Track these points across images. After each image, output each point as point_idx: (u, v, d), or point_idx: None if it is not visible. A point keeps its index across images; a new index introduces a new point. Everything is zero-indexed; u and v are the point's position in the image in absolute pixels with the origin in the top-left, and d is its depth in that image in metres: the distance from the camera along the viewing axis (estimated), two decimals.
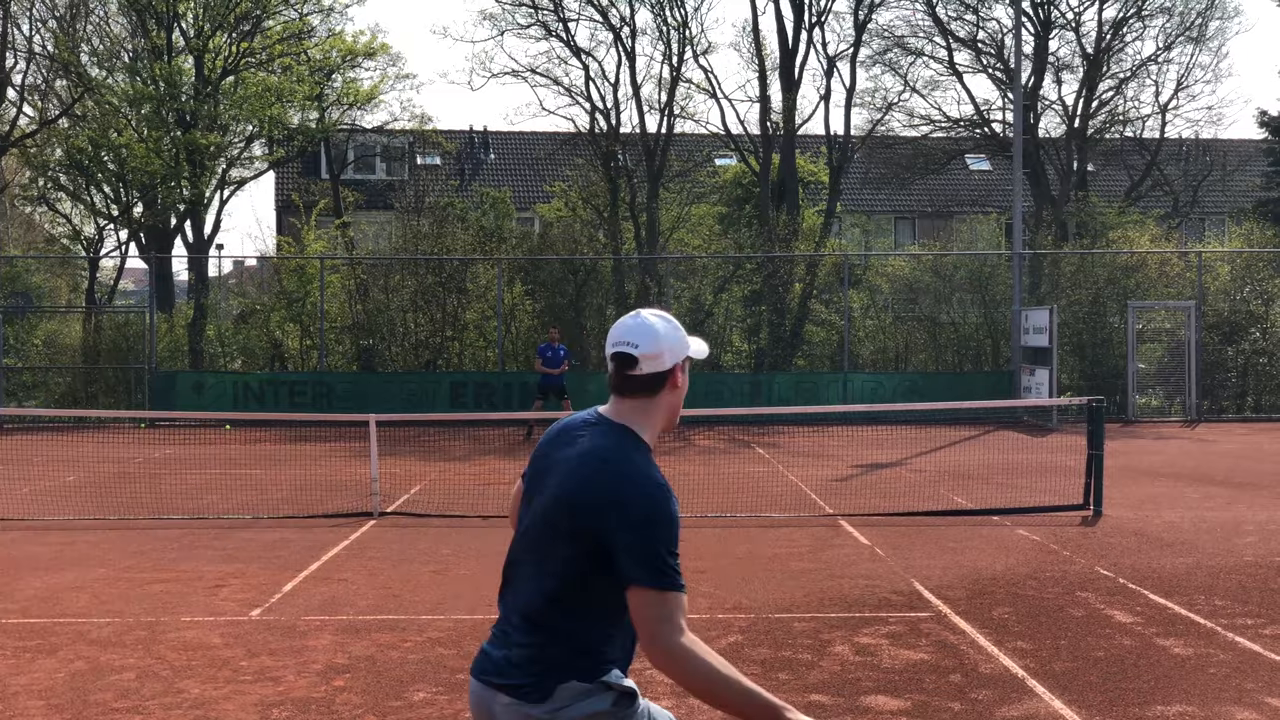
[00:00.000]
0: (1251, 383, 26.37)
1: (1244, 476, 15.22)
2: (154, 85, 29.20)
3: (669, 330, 2.95)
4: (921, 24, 33.29)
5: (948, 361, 27.17)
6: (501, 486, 14.46)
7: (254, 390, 24.34)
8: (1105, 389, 24.25)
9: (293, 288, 27.11)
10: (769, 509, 12.41)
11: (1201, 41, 33.48)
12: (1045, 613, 7.78)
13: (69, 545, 10.47)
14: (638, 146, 30.73)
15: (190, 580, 8.98)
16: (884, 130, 33.95)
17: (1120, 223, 31.72)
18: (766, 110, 30.59)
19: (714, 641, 7.06)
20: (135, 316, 26.89)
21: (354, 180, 39.54)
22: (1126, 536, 10.72)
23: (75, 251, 33.93)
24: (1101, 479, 12.00)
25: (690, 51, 30.60)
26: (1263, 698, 6.04)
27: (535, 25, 30.97)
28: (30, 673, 6.55)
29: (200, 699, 6.08)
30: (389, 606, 8.08)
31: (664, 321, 2.96)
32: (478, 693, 2.91)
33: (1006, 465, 16.33)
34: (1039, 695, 6.06)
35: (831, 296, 28.21)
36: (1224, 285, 26.79)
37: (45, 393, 26.04)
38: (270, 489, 14.00)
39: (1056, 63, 33.30)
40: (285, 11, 31.63)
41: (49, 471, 15.94)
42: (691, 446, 19.86)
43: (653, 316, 2.96)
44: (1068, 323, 25.55)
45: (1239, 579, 8.89)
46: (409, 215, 32.01)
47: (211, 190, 31.32)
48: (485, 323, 27.04)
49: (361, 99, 32.76)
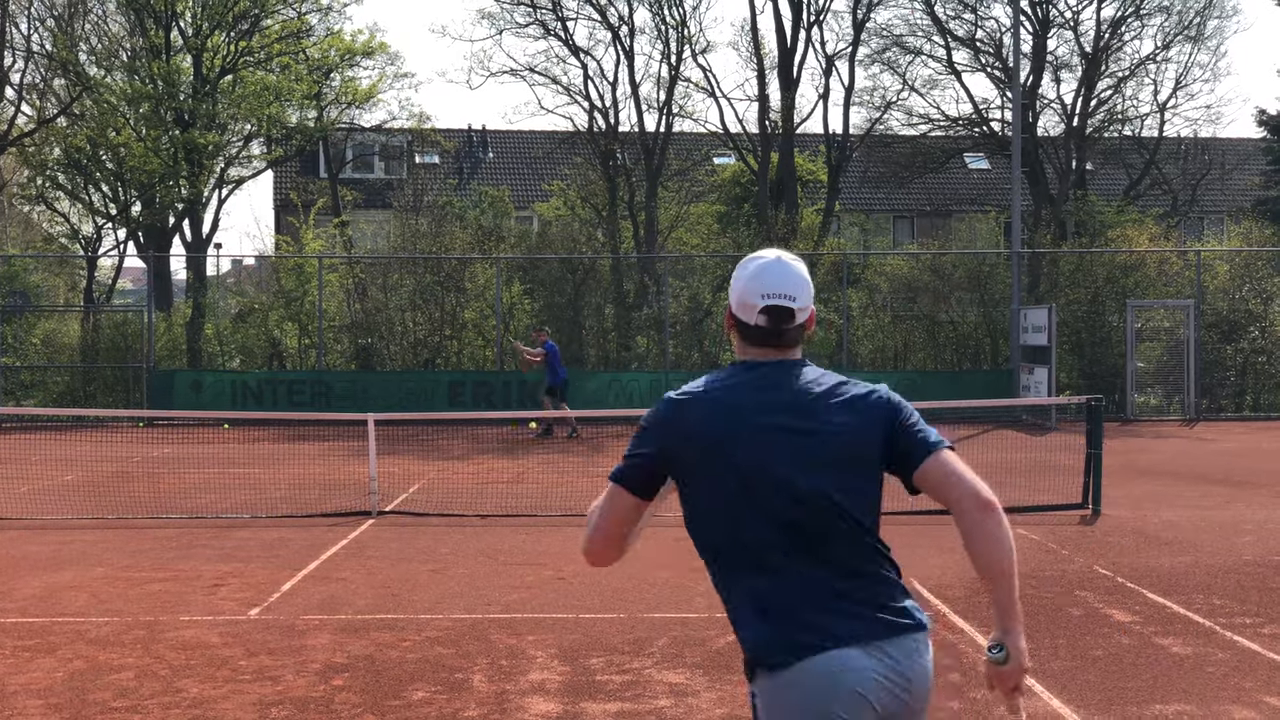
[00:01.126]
0: (1250, 381, 26.37)
1: (1242, 475, 15.23)
2: (152, 84, 29.19)
3: (809, 277, 2.97)
4: (920, 23, 33.33)
5: (946, 360, 27.17)
6: (500, 485, 14.46)
7: (252, 389, 24.33)
8: (1104, 388, 24.24)
9: (291, 287, 27.10)
10: None
11: (1200, 40, 33.50)
12: (1044, 612, 7.79)
13: (67, 544, 10.46)
14: (636, 145, 30.73)
15: (189, 579, 8.98)
16: (882, 129, 33.97)
17: (1119, 222, 31.72)
18: (765, 109, 30.60)
19: (714, 641, 7.07)
20: (133, 315, 26.87)
21: (352, 179, 39.53)
22: (1125, 535, 10.72)
23: (73, 250, 33.94)
24: (1100, 478, 11.99)
25: (689, 50, 30.62)
26: (1261, 696, 6.04)
27: (534, 24, 31.01)
28: (29, 672, 6.55)
29: (199, 698, 6.08)
30: (388, 606, 8.08)
31: (804, 266, 2.98)
32: (856, 667, 2.72)
33: (1005, 464, 16.32)
34: (1038, 694, 6.07)
35: (830, 295, 28.20)
36: (1223, 284, 26.80)
37: (43, 392, 26.03)
38: (269, 488, 13.99)
39: (1055, 61, 33.32)
40: (283, 10, 31.63)
41: (47, 471, 15.93)
42: None
43: (796, 262, 2.96)
44: (1066, 322, 25.56)
45: (1237, 578, 8.89)
46: (407, 214, 32.02)
47: (210, 189, 31.32)
48: (484, 321, 27.03)
49: (360, 98, 32.78)
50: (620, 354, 26.77)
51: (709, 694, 6.08)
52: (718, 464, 2.80)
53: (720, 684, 6.24)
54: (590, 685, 6.23)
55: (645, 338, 27.11)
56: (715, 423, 2.82)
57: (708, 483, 2.83)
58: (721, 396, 2.86)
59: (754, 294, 2.87)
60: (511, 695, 6.07)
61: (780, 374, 2.88)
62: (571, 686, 6.21)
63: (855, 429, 2.84)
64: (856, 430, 2.84)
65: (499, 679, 6.35)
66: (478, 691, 6.14)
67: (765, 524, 2.79)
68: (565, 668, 6.54)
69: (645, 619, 7.64)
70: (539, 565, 9.41)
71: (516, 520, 11.73)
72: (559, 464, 16.88)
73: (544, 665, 6.60)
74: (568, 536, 10.71)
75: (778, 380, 2.87)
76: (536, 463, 17.04)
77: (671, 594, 8.36)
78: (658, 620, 7.61)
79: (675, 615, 7.74)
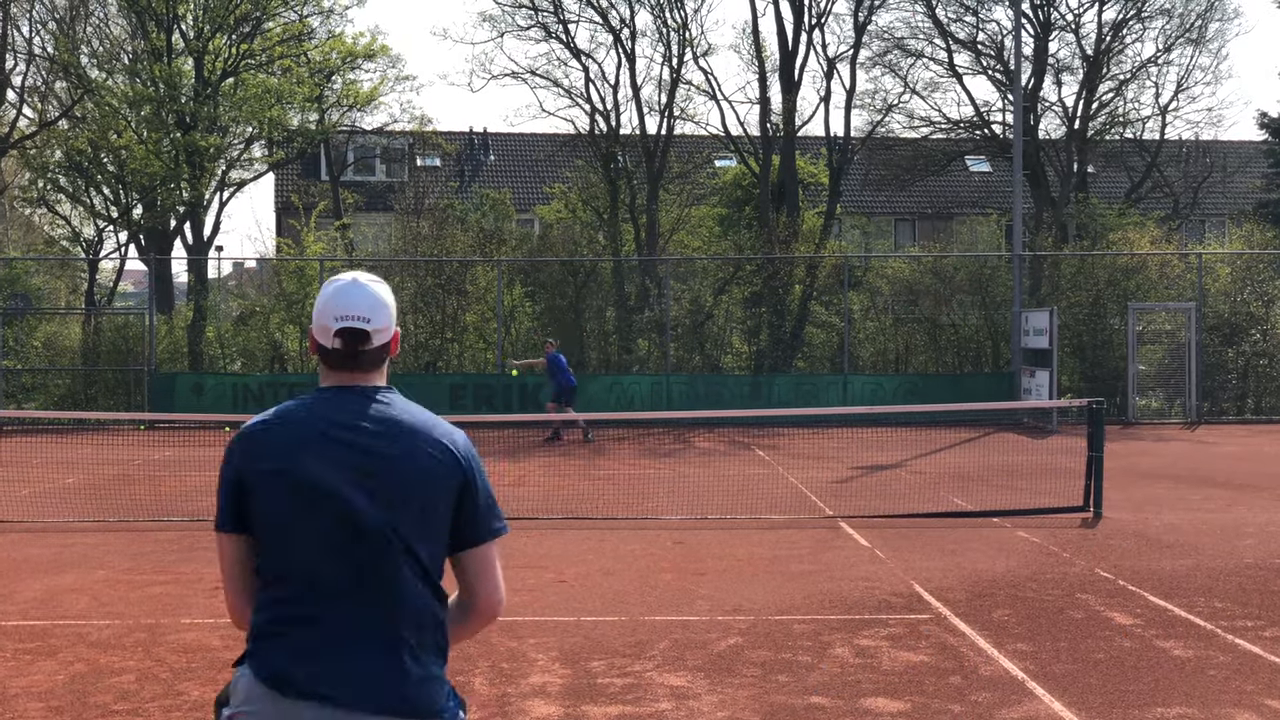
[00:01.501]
0: (1252, 385, 26.36)
1: (1244, 478, 15.22)
2: (154, 87, 29.20)
3: (393, 301, 2.93)
4: (921, 26, 33.33)
5: (948, 363, 27.17)
6: (501, 488, 14.46)
7: (254, 392, 24.34)
8: (1105, 391, 24.24)
9: (292, 289, 27.11)
10: (769, 511, 12.40)
11: (1201, 43, 33.49)
12: (1045, 615, 7.78)
13: (68, 547, 10.46)
14: (637, 148, 30.73)
15: (190, 582, 8.98)
16: (884, 132, 33.96)
17: (1120, 224, 31.71)
18: (766, 112, 30.60)
19: (714, 643, 7.06)
20: (135, 318, 26.88)
21: (353, 182, 39.55)
22: (1126, 538, 10.72)
23: (75, 253, 33.95)
24: (1101, 481, 11.99)
25: (690, 53, 30.61)
26: (1263, 700, 6.04)
27: (535, 27, 31.01)
28: (30, 675, 6.55)
29: (200, 701, 6.07)
30: None
31: (387, 290, 2.93)
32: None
33: (1006, 467, 16.33)
34: (1039, 697, 6.06)
35: (831, 298, 28.21)
36: (1224, 287, 26.79)
37: (45, 395, 26.03)
38: None
39: (1056, 64, 33.33)
40: (285, 13, 31.65)
41: (48, 473, 15.93)
42: (691, 448, 19.87)
43: (375, 283, 2.91)
44: (1068, 324, 25.55)
45: (1239, 581, 8.89)
46: (409, 217, 32.04)
47: (211, 192, 31.32)
48: (485, 324, 27.04)
49: (361, 100, 32.79)
50: (621, 357, 26.77)
51: (710, 697, 6.08)
52: (279, 488, 2.75)
53: (721, 687, 6.24)
54: (591, 688, 6.23)
55: (646, 341, 27.11)
56: (282, 448, 2.77)
57: (270, 508, 2.76)
58: (293, 421, 2.81)
59: (329, 316, 2.83)
60: (512, 698, 6.07)
61: (356, 401, 2.83)
62: (572, 689, 6.21)
63: (423, 472, 2.78)
64: (423, 474, 2.78)
65: (500, 682, 6.35)
66: (479, 694, 6.13)
67: (319, 553, 2.73)
68: (566, 670, 6.54)
69: (646, 622, 7.64)
70: (540, 568, 9.41)
71: (518, 523, 11.72)
72: (560, 467, 16.89)
73: (545, 668, 6.59)
74: (569, 540, 10.71)
75: (352, 407, 2.81)
76: (538, 466, 17.04)
77: (672, 597, 8.36)
78: (659, 623, 7.60)
79: (676, 618, 7.74)
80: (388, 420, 2.81)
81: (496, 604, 2.89)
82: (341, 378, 2.87)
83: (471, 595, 2.87)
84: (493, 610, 2.90)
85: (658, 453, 19.12)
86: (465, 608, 2.89)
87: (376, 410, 2.82)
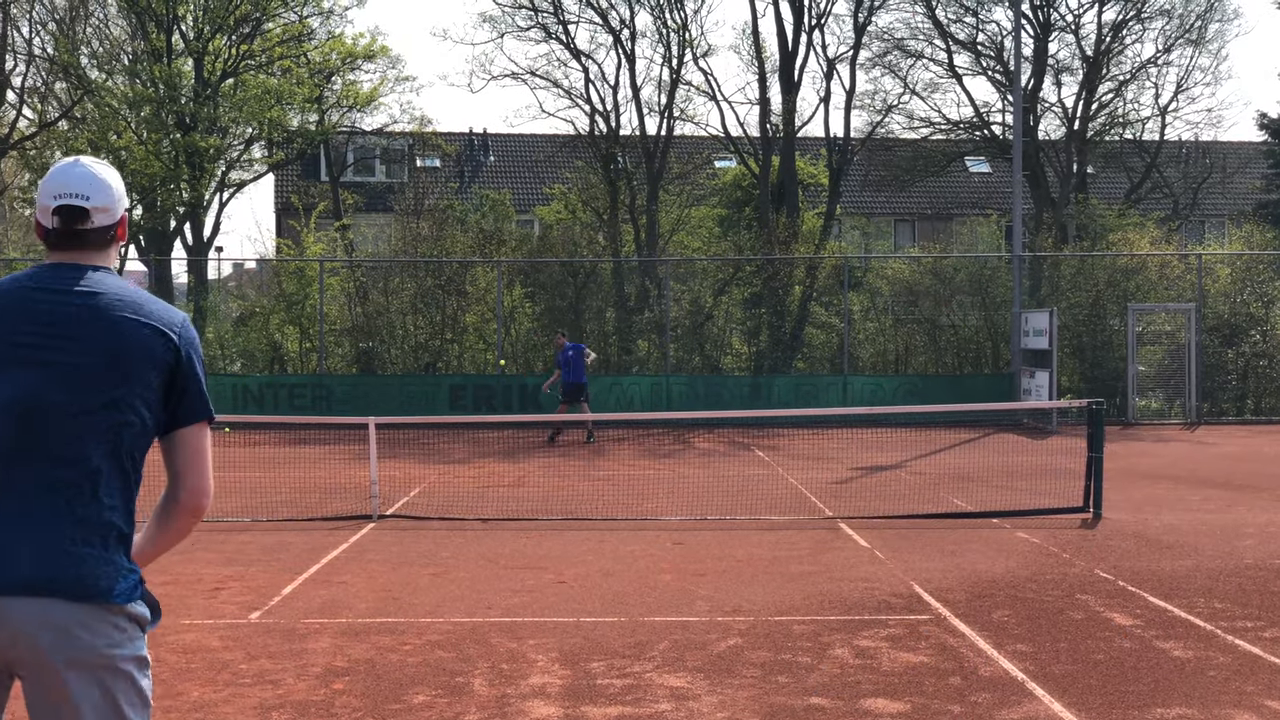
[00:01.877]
0: (1251, 385, 26.37)
1: (1244, 479, 15.22)
2: (153, 88, 29.22)
3: (119, 182, 2.90)
4: (921, 26, 33.38)
5: (947, 364, 27.18)
6: (500, 489, 14.47)
7: (253, 393, 24.34)
8: (1105, 391, 24.25)
9: (292, 290, 27.11)
10: (768, 511, 12.40)
11: (1201, 44, 33.53)
12: (1045, 615, 7.78)
13: None
14: (637, 149, 30.75)
15: (189, 583, 8.98)
16: (884, 132, 34.00)
17: (1120, 225, 31.74)
18: (766, 112, 30.61)
19: (714, 644, 7.06)
20: None
21: (353, 183, 39.56)
22: (1126, 539, 10.72)
23: None
24: (1101, 481, 11.99)
25: (690, 54, 30.64)
26: (1263, 701, 6.03)
27: (535, 28, 31.04)
28: None
29: (200, 702, 6.07)
30: (388, 609, 8.07)
31: (113, 172, 2.90)
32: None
33: (1006, 468, 16.33)
34: (1039, 698, 6.06)
35: (831, 299, 28.22)
36: (1224, 288, 26.81)
37: None
38: (269, 492, 13.99)
39: (1056, 65, 33.36)
40: (285, 14, 31.66)
41: None
42: (691, 449, 19.87)
43: (99, 165, 2.88)
44: (1068, 325, 25.56)
45: (1239, 581, 8.89)
46: (408, 217, 32.02)
47: (211, 193, 31.35)
48: (485, 325, 27.05)
49: (361, 101, 32.81)
50: (621, 358, 26.78)
51: (710, 698, 6.08)
52: None
53: (721, 688, 6.24)
54: (591, 689, 6.22)
55: (646, 341, 27.12)
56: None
57: None
58: (3, 290, 2.77)
59: (48, 195, 2.81)
60: (512, 699, 6.07)
61: (70, 273, 2.77)
62: (572, 690, 6.21)
63: (124, 341, 2.72)
64: (126, 344, 2.72)
65: (500, 683, 6.35)
66: (478, 695, 6.13)
67: (6, 424, 2.65)
68: (566, 671, 6.54)
69: (646, 622, 7.64)
70: (540, 569, 9.41)
71: (517, 524, 11.72)
72: (559, 468, 16.89)
73: (545, 669, 6.59)
74: (568, 540, 10.71)
75: (66, 276, 2.76)
76: (537, 467, 17.05)
77: (672, 598, 8.36)
78: (658, 624, 7.60)
79: (676, 619, 7.73)
80: (97, 292, 2.76)
81: (201, 494, 2.85)
82: (61, 257, 2.83)
83: (178, 483, 2.84)
84: (197, 501, 2.84)
85: (657, 453, 19.13)
86: (170, 501, 2.85)
87: (88, 283, 2.77)
